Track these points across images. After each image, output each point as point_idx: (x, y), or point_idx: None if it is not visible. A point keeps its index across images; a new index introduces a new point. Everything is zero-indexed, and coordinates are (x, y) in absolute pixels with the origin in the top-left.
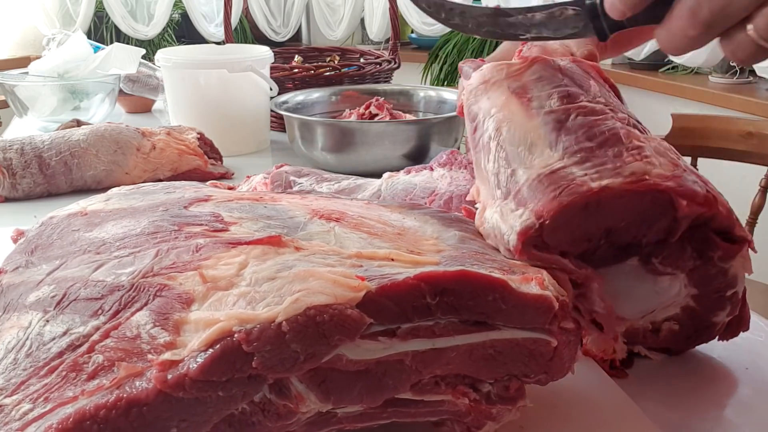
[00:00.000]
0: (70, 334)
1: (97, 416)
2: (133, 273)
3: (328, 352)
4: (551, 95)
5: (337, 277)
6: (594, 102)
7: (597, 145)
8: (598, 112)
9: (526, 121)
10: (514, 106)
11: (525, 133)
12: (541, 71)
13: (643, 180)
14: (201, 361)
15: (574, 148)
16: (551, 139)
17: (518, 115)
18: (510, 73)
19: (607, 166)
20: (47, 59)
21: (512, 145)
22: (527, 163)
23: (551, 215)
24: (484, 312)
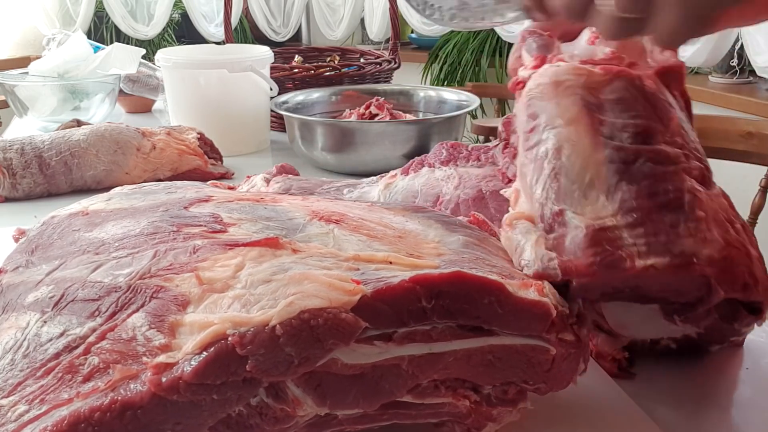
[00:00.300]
0: (67, 336)
1: (92, 419)
2: (131, 274)
3: (323, 356)
4: (626, 127)
5: (333, 280)
6: (670, 144)
7: (656, 206)
8: (671, 159)
9: (590, 150)
10: (583, 128)
11: (586, 165)
12: (623, 91)
13: (690, 263)
14: (195, 365)
15: (631, 204)
16: (611, 184)
17: (584, 140)
18: (588, 84)
19: (660, 238)
20: (47, 59)
21: (568, 178)
22: (579, 208)
23: (581, 281)
24: (480, 316)
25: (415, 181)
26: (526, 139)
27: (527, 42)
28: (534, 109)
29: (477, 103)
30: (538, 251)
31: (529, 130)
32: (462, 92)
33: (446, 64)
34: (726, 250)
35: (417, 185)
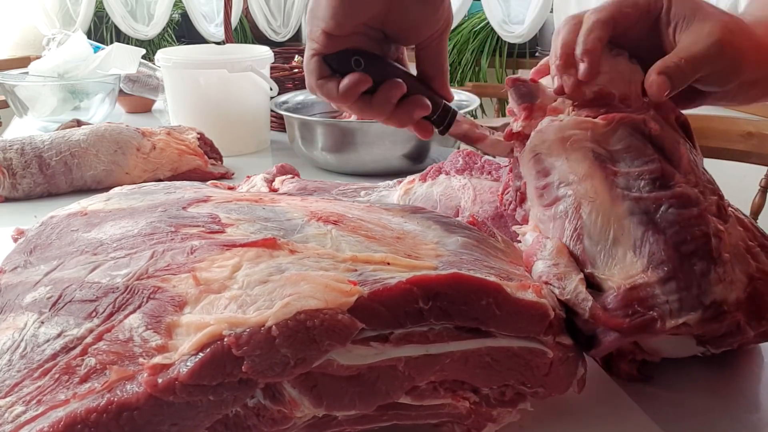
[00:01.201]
0: (64, 336)
1: (88, 420)
2: (128, 275)
3: (319, 357)
4: (641, 175)
5: (329, 281)
6: (687, 183)
7: (686, 256)
8: (693, 201)
9: (610, 204)
10: (598, 182)
11: (607, 221)
12: (629, 138)
13: (721, 313)
14: (191, 365)
15: (661, 257)
16: (636, 237)
17: (602, 195)
18: (595, 136)
19: (692, 291)
20: (47, 59)
21: (591, 239)
22: (607, 270)
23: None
24: (477, 317)
25: (433, 189)
26: (539, 195)
27: (512, 90)
28: (544, 165)
29: (477, 103)
30: (577, 286)
31: (543, 187)
32: (462, 92)
33: None
34: (750, 285)
35: (436, 194)
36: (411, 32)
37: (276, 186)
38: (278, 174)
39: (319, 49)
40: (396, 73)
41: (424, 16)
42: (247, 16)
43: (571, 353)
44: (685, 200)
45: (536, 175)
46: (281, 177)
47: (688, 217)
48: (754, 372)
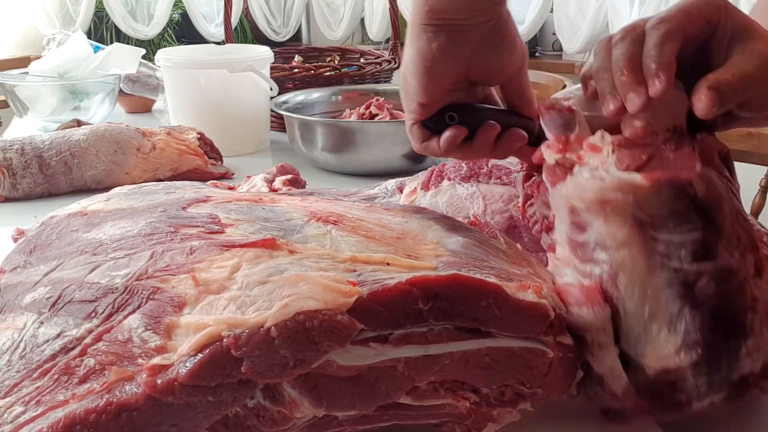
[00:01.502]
0: (64, 337)
1: (87, 421)
2: (128, 275)
3: (318, 358)
4: (683, 244)
5: (329, 282)
6: (729, 249)
7: (722, 335)
8: (734, 272)
9: (647, 275)
10: (636, 250)
11: (645, 294)
12: (674, 203)
13: (746, 386)
14: (190, 366)
15: (695, 338)
16: (672, 312)
17: (640, 264)
18: (637, 201)
19: (721, 372)
20: (47, 59)
21: (627, 312)
22: (640, 349)
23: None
24: (477, 318)
25: (438, 198)
26: (574, 247)
27: (547, 119)
28: (580, 220)
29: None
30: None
31: (579, 243)
32: None
33: None
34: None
35: (441, 204)
36: (493, 76)
37: (276, 186)
38: (278, 174)
39: (416, 118)
40: (488, 115)
41: (502, 61)
42: (247, 16)
43: (571, 354)
44: (725, 273)
45: (571, 225)
46: (281, 177)
47: (726, 291)
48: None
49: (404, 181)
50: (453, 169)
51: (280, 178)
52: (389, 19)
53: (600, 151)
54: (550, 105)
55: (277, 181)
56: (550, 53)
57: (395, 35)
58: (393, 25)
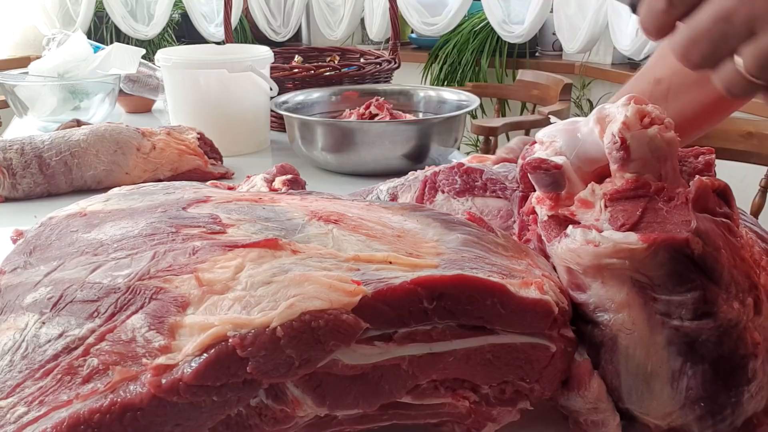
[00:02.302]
0: (66, 337)
1: (92, 420)
2: (130, 275)
3: (323, 357)
4: (683, 303)
5: (333, 281)
6: (728, 300)
7: (724, 385)
8: (734, 322)
9: (648, 335)
10: (636, 312)
11: (646, 354)
12: (671, 263)
13: (751, 426)
14: (195, 366)
15: (699, 393)
16: (674, 369)
17: (641, 325)
18: (634, 264)
19: (726, 420)
20: (47, 59)
21: (629, 373)
22: (643, 407)
23: None
24: (482, 317)
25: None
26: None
27: (534, 178)
28: (578, 281)
29: (477, 103)
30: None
31: (579, 301)
32: (462, 92)
33: (446, 64)
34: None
35: None
36: None
37: (276, 186)
38: (278, 174)
39: None
40: None
41: None
42: (247, 16)
43: (571, 348)
44: (725, 326)
45: (569, 283)
46: (281, 177)
47: (727, 342)
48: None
49: (396, 188)
50: (446, 183)
51: (279, 178)
52: (389, 19)
53: (592, 207)
54: (537, 164)
55: (277, 181)
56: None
57: (395, 35)
58: (393, 25)
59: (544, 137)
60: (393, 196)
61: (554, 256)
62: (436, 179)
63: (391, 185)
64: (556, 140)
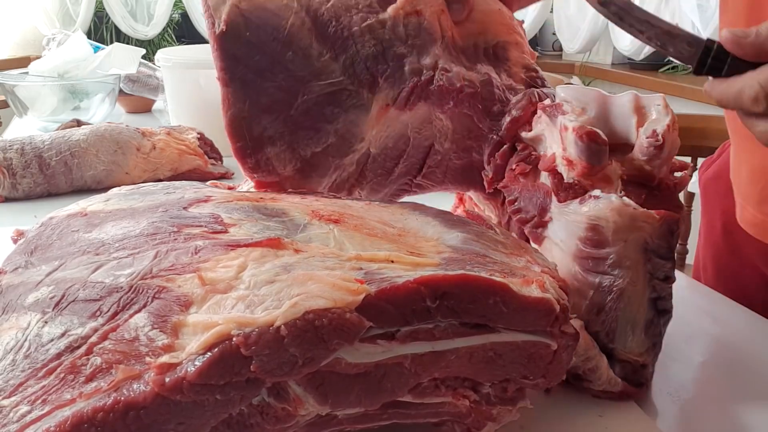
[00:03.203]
0: (69, 336)
1: (95, 419)
2: (132, 274)
3: (327, 356)
4: (663, 267)
5: (336, 280)
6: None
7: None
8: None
9: (642, 291)
10: (641, 270)
11: (638, 306)
12: (668, 236)
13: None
14: (199, 365)
15: (658, 340)
16: (648, 320)
17: (641, 282)
18: (650, 230)
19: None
20: (47, 59)
21: (625, 319)
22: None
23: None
24: (484, 315)
25: None
26: (582, 256)
27: (585, 146)
28: (603, 237)
29: None
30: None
31: (590, 255)
32: None
33: None
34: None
35: None
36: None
37: None
38: None
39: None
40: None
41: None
42: None
43: (572, 341)
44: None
45: (585, 240)
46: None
47: (670, 300)
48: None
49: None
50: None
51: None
52: None
53: (611, 184)
54: (593, 137)
55: None
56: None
57: None
58: None
59: (574, 101)
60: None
61: (572, 214)
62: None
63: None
64: (588, 109)
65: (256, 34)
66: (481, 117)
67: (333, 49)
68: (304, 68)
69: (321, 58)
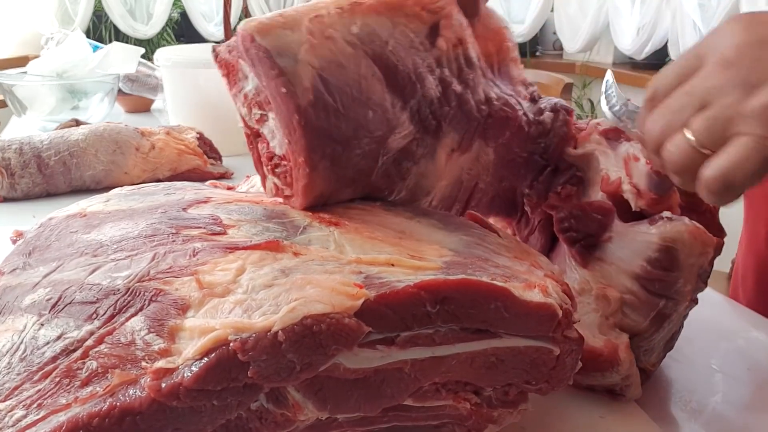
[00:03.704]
0: (64, 339)
1: (90, 425)
2: (129, 277)
3: (325, 361)
4: (700, 289)
5: (335, 284)
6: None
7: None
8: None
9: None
10: (689, 296)
11: (673, 330)
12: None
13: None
14: (196, 370)
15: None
16: (671, 335)
17: (683, 308)
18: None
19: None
20: (46, 59)
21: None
22: (649, 361)
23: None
24: (486, 320)
25: None
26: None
27: (657, 179)
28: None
29: None
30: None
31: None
32: None
33: None
34: None
35: None
36: None
37: None
38: None
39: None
40: None
41: None
42: (247, 15)
43: (576, 346)
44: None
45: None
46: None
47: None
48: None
49: None
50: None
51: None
52: None
53: (674, 210)
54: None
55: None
56: (550, 53)
57: None
58: None
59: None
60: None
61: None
62: None
63: None
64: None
65: (339, 98)
66: (522, 142)
67: (403, 96)
68: (383, 125)
69: (394, 109)
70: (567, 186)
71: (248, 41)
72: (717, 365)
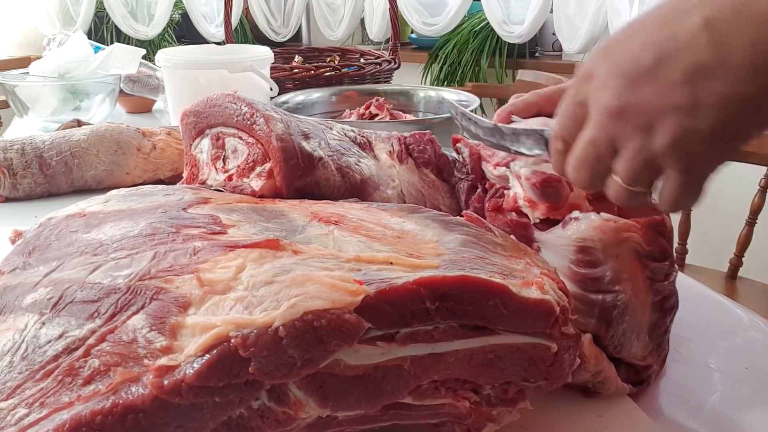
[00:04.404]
0: (66, 337)
1: (93, 422)
2: (130, 275)
3: (326, 357)
4: (662, 269)
5: (335, 281)
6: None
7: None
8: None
9: (645, 301)
10: (641, 281)
11: (642, 312)
12: (657, 239)
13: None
14: (197, 367)
15: (663, 344)
16: (651, 322)
17: (643, 292)
18: (637, 238)
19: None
20: (48, 59)
21: (632, 330)
22: (631, 353)
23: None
24: (484, 317)
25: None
26: (579, 278)
27: (541, 192)
28: (594, 257)
29: (477, 103)
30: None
31: (588, 277)
32: (462, 92)
33: (446, 65)
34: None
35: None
36: None
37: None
38: None
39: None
40: None
41: None
42: (247, 16)
43: (573, 342)
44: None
45: (577, 262)
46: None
47: (675, 296)
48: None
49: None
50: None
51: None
52: (389, 19)
53: (581, 206)
54: (543, 182)
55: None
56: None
57: (395, 35)
58: (393, 26)
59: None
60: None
61: (559, 238)
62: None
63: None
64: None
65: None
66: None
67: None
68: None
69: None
70: (493, 200)
71: None
72: (715, 364)
